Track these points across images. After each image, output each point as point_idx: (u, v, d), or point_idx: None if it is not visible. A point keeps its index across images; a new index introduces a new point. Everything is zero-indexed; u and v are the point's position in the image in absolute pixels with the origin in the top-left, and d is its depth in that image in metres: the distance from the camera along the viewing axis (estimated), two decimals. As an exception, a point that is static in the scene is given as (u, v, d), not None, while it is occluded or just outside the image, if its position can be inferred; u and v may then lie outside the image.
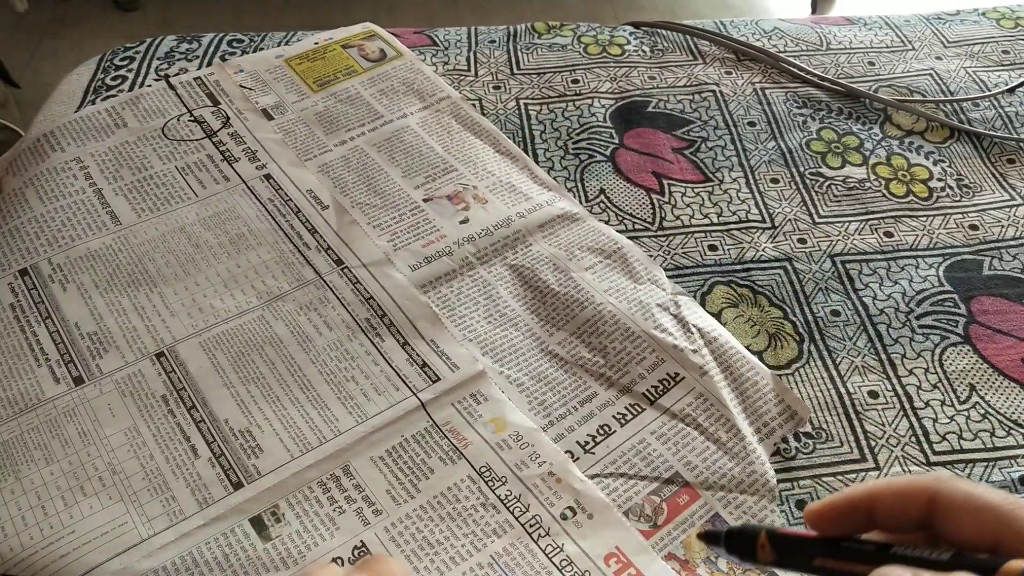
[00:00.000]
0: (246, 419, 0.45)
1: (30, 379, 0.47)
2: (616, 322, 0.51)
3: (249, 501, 0.42)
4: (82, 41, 1.71)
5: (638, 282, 0.54)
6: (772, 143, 0.66)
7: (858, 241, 0.59)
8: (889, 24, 0.80)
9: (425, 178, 0.60)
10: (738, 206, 0.61)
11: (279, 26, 1.56)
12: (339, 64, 0.69)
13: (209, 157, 0.60)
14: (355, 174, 0.60)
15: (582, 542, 0.41)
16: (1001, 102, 0.71)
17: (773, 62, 0.73)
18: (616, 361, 0.50)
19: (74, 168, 0.59)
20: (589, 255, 0.55)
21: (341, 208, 0.57)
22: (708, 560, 0.42)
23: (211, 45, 0.73)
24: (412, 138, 0.63)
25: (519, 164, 0.62)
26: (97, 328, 0.49)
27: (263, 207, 0.57)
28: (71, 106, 0.66)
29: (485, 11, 1.82)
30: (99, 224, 0.55)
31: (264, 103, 0.65)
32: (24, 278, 0.52)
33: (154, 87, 0.66)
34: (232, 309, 0.51)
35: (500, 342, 0.50)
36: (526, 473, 0.44)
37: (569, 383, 0.49)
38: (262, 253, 0.54)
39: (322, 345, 0.49)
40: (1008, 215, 0.61)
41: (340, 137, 0.63)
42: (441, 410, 0.47)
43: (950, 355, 0.52)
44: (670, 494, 0.44)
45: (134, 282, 0.52)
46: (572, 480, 0.44)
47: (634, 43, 0.75)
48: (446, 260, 0.54)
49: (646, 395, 0.48)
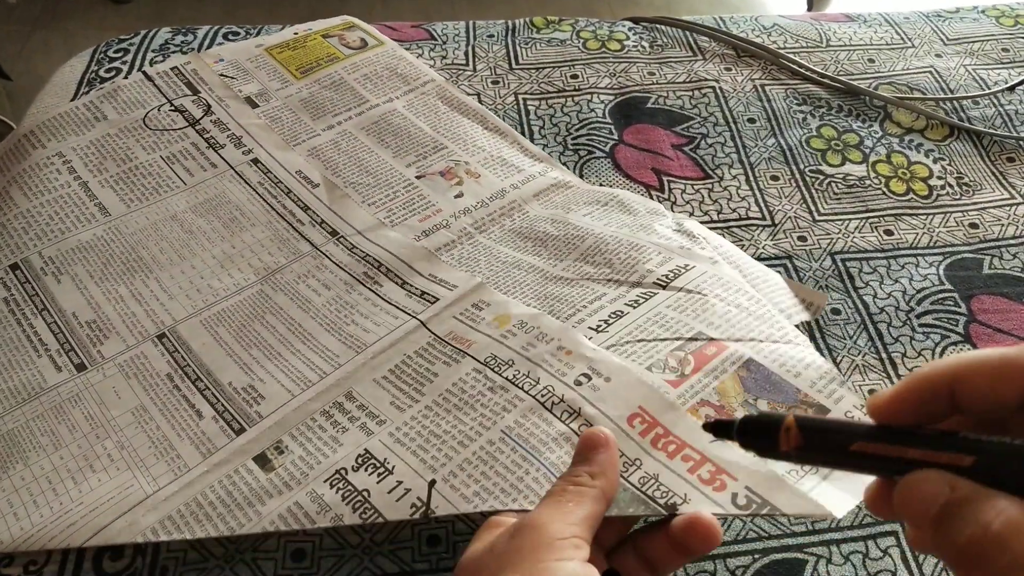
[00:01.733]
0: (248, 377, 0.45)
1: (31, 369, 0.46)
2: (619, 241, 0.50)
3: (251, 442, 0.42)
4: (74, 33, 1.69)
5: (636, 216, 0.54)
6: (772, 140, 0.66)
7: (858, 239, 0.58)
8: (889, 21, 0.79)
9: (416, 156, 0.60)
10: (738, 203, 0.60)
11: (273, 19, 1.55)
12: (320, 52, 0.69)
13: (194, 145, 0.60)
14: (345, 156, 0.60)
15: (601, 404, 0.39)
16: (1001, 100, 0.70)
17: (773, 59, 0.73)
18: (622, 267, 0.48)
19: (57, 163, 0.58)
20: (586, 206, 0.55)
21: (332, 185, 0.57)
22: (746, 403, 0.39)
23: (206, 37, 0.72)
24: (400, 120, 0.63)
25: (508, 139, 0.62)
26: (95, 316, 0.49)
27: (253, 191, 0.57)
28: (64, 98, 0.65)
29: (481, 6, 1.81)
30: (88, 216, 0.55)
31: (247, 91, 0.65)
32: (15, 272, 0.52)
33: (131, 79, 0.65)
34: (231, 287, 0.51)
35: (504, 280, 0.50)
36: (533, 352, 0.42)
37: (577, 293, 0.47)
38: (256, 233, 0.54)
39: (321, 303, 0.49)
40: (1008, 214, 0.61)
41: (328, 122, 0.63)
42: (442, 324, 0.46)
43: (950, 354, 0.52)
44: (696, 348, 0.41)
45: (129, 270, 0.52)
46: (584, 350, 0.42)
47: (633, 39, 0.75)
48: (444, 232, 0.54)
49: (657, 283, 0.46)
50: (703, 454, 0.36)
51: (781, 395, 0.39)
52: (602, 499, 0.31)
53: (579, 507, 0.30)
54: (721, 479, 0.34)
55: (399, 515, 0.36)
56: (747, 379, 0.40)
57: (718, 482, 0.34)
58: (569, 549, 0.28)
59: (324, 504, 0.37)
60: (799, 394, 0.39)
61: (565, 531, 0.28)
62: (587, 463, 0.32)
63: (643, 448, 0.37)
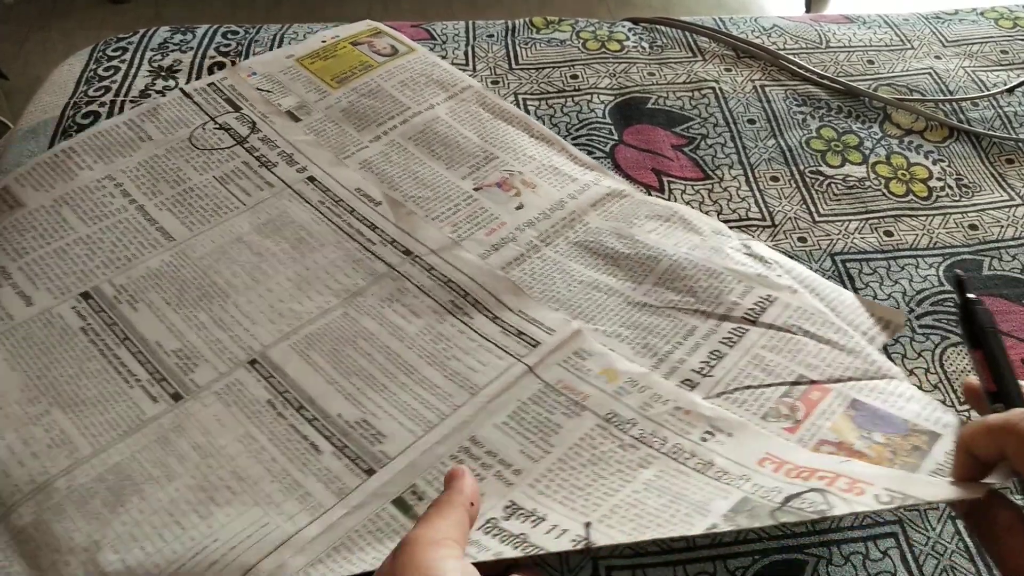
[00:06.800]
0: (358, 410, 0.45)
1: (125, 402, 0.45)
2: (695, 266, 0.51)
3: (386, 485, 0.41)
4: (72, 32, 1.69)
5: (703, 236, 0.54)
6: (772, 141, 0.66)
7: (858, 240, 0.58)
8: (888, 23, 0.79)
9: (469, 168, 0.60)
10: (738, 204, 0.60)
11: (272, 19, 1.55)
12: (353, 60, 0.68)
13: (246, 164, 0.59)
14: (398, 168, 0.59)
15: (731, 454, 0.40)
16: (1000, 102, 0.71)
17: (773, 60, 0.73)
18: (706, 297, 0.50)
19: (108, 186, 0.57)
20: (648, 221, 0.56)
21: (395, 202, 0.56)
22: (862, 438, 0.41)
23: (205, 36, 0.72)
24: (445, 128, 0.62)
25: (556, 147, 0.62)
26: (181, 344, 0.48)
27: (315, 209, 0.56)
28: (63, 97, 0.65)
29: (479, 6, 1.81)
30: (152, 242, 0.54)
31: (287, 104, 0.64)
32: (88, 301, 0.50)
33: (169, 97, 0.64)
34: (313, 310, 0.50)
35: (586, 304, 0.50)
36: (653, 412, 0.43)
37: (666, 324, 0.48)
38: (327, 253, 0.53)
39: (414, 332, 0.49)
40: (1007, 215, 0.61)
41: (373, 132, 0.62)
42: (549, 371, 0.46)
43: (951, 355, 0.52)
44: (801, 393, 0.44)
45: (205, 296, 0.51)
46: (701, 409, 0.43)
47: (633, 39, 0.75)
48: (512, 246, 0.54)
49: (745, 317, 0.48)
50: (836, 472, 0.37)
51: (893, 427, 0.41)
52: (466, 511, 0.34)
53: (446, 519, 0.33)
54: (859, 487, 0.35)
55: (561, 547, 0.36)
56: (857, 417, 0.42)
57: (856, 489, 0.35)
58: (445, 548, 0.31)
59: (482, 546, 0.36)
60: (908, 424, 0.42)
61: (439, 536, 0.32)
62: (449, 489, 0.35)
63: (779, 480, 0.38)
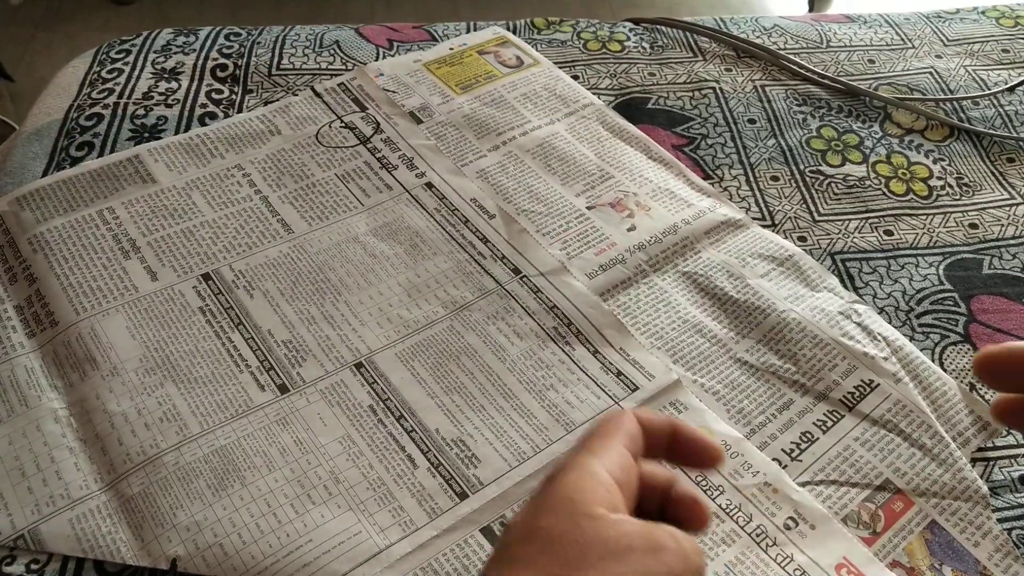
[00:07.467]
0: (456, 429, 0.46)
1: (235, 385, 0.47)
2: (802, 329, 0.51)
3: (476, 512, 0.42)
4: (76, 35, 1.70)
5: (815, 290, 0.54)
6: (772, 140, 0.66)
7: (858, 239, 0.59)
8: (889, 22, 0.80)
9: (584, 185, 0.60)
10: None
11: (275, 20, 1.56)
12: (478, 69, 0.69)
13: (367, 164, 0.60)
14: (514, 180, 0.60)
15: (810, 552, 0.41)
16: (1001, 101, 0.71)
17: (773, 59, 0.73)
18: (808, 368, 0.49)
19: (237, 175, 0.59)
20: (761, 262, 0.55)
21: (509, 217, 0.57)
22: (933, 567, 0.42)
23: (208, 38, 0.72)
24: (564, 144, 0.63)
25: (673, 170, 0.62)
26: (291, 336, 0.49)
27: (431, 217, 0.57)
28: (66, 99, 0.66)
29: (482, 7, 1.81)
30: (272, 232, 0.55)
31: (410, 105, 0.65)
32: (208, 283, 0.52)
33: (300, 96, 0.66)
34: (420, 320, 0.51)
35: (688, 349, 0.50)
36: (741, 483, 0.44)
37: (764, 390, 0.49)
38: (439, 262, 0.54)
39: (516, 354, 0.49)
40: (1008, 214, 0.61)
41: (492, 142, 0.63)
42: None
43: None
44: (884, 500, 0.44)
45: (318, 291, 0.52)
46: (788, 491, 0.44)
47: (634, 39, 0.75)
48: (620, 268, 0.54)
49: (843, 401, 0.48)
50: None
51: (963, 564, 0.42)
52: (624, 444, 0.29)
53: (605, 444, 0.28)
54: None
55: None
56: (932, 542, 0.43)
57: None
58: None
59: None
60: (979, 565, 0.42)
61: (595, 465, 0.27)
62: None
63: None
